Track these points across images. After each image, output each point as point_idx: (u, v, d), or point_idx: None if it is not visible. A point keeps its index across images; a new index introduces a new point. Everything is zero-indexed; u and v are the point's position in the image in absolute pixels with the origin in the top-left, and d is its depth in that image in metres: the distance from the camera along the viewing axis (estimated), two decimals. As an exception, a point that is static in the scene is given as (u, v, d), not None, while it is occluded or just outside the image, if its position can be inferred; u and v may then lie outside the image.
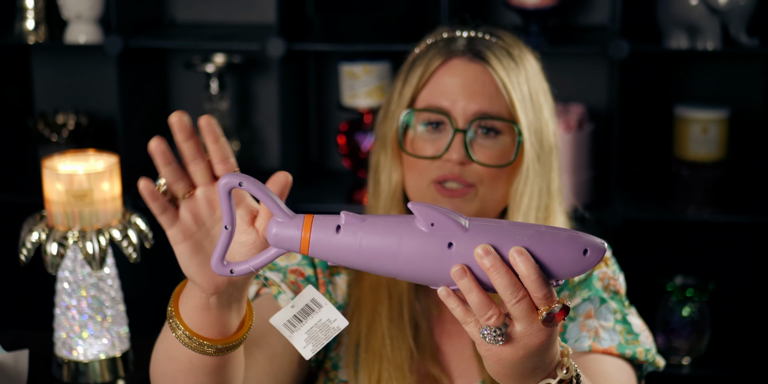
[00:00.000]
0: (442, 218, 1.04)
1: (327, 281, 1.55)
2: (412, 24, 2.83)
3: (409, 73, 1.53)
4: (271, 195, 1.07)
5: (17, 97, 3.11)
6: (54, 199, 1.72)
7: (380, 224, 1.06)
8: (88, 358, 1.79)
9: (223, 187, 1.08)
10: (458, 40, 1.53)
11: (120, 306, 1.82)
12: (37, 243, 1.73)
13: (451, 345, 1.56)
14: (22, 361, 1.67)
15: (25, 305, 3.09)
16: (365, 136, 2.85)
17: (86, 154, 1.79)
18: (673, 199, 2.79)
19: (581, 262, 1.03)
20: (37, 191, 2.23)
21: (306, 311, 1.15)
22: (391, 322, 1.51)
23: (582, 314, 1.51)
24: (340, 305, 1.55)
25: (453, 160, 1.47)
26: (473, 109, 1.48)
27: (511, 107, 1.49)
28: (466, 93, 1.48)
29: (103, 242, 1.72)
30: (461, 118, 1.48)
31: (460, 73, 1.49)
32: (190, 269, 1.16)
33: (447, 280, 1.05)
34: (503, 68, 1.49)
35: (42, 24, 2.88)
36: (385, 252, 1.05)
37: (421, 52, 1.55)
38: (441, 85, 1.50)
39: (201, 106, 3.02)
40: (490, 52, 1.50)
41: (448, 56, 1.50)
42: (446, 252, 1.04)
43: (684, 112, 2.76)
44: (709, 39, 2.68)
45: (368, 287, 1.54)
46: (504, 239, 1.04)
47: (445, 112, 1.48)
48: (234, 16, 3.05)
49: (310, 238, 1.06)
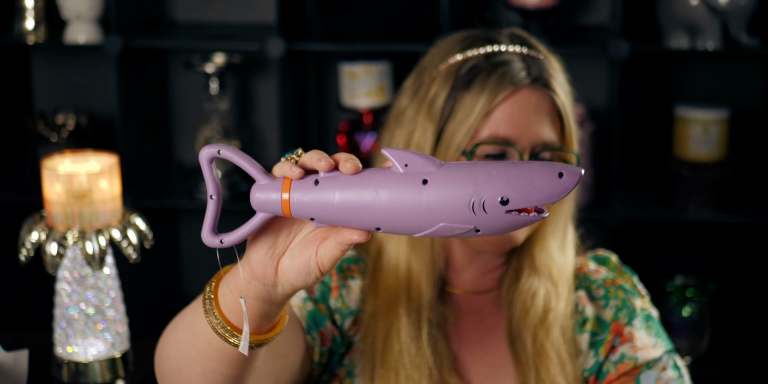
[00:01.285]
0: (416, 158, 1.03)
1: (341, 285, 1.52)
2: (411, 24, 2.83)
3: (458, 93, 1.47)
4: (250, 160, 1.07)
5: (17, 97, 3.11)
6: (54, 199, 1.72)
7: (359, 175, 1.04)
8: (87, 359, 1.79)
9: (204, 157, 1.08)
10: (514, 64, 1.47)
11: (120, 306, 1.82)
12: (37, 243, 1.73)
13: (470, 353, 1.53)
14: (22, 361, 1.67)
15: (25, 305, 3.09)
16: (365, 136, 2.85)
17: (86, 154, 1.79)
18: (673, 199, 2.79)
19: (558, 184, 1.01)
20: (37, 191, 2.23)
21: None
22: (408, 338, 1.48)
23: (659, 366, 1.51)
24: (353, 310, 1.52)
25: None
26: (538, 140, 1.45)
27: (568, 132, 1.48)
28: (532, 123, 1.45)
29: (103, 242, 1.72)
30: (526, 149, 1.46)
31: (525, 103, 1.46)
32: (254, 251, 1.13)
33: (427, 222, 1.03)
34: (563, 95, 1.48)
35: (42, 24, 2.88)
36: (363, 200, 1.03)
37: (471, 72, 1.48)
38: (506, 115, 1.45)
39: (201, 106, 3.02)
40: (551, 77, 1.48)
41: (515, 87, 1.46)
42: (422, 189, 1.02)
43: (684, 112, 2.76)
44: (709, 39, 2.68)
45: (384, 301, 1.50)
46: (478, 171, 1.02)
47: (511, 142, 1.45)
48: (234, 16, 3.05)
49: (290, 198, 1.05)
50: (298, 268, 1.10)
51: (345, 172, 1.04)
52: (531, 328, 1.50)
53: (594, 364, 1.52)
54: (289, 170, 1.06)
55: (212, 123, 2.91)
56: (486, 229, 1.03)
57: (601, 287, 1.55)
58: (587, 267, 1.58)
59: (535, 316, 1.50)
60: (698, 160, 2.75)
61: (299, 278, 1.10)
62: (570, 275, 1.54)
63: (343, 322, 1.51)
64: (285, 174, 1.06)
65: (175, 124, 3.14)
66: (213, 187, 1.09)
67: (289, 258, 1.11)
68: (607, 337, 1.52)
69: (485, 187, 1.01)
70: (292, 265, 1.10)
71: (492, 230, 1.03)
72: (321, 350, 1.48)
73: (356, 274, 1.53)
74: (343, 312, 1.51)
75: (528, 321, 1.50)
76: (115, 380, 1.81)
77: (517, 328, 1.51)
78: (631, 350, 1.51)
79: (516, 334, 1.51)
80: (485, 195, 1.01)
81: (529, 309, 1.50)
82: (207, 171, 1.08)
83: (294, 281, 1.11)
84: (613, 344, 1.52)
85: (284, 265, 1.11)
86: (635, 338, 1.52)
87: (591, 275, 1.57)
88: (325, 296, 1.50)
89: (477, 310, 1.56)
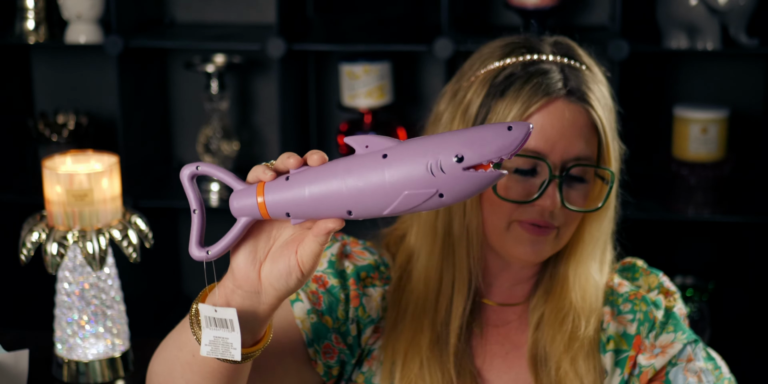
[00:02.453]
0: (374, 138, 1.07)
1: (360, 294, 1.48)
2: (411, 24, 2.83)
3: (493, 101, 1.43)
4: (227, 172, 1.12)
5: (17, 97, 3.11)
6: (54, 199, 1.73)
7: (324, 165, 1.08)
8: (88, 358, 1.79)
9: (186, 175, 1.13)
10: (552, 74, 1.42)
11: (120, 306, 1.82)
12: (37, 243, 1.73)
13: (493, 368, 1.50)
14: (23, 361, 1.67)
15: (26, 305, 3.09)
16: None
17: (86, 154, 1.80)
18: (673, 199, 2.79)
19: (508, 136, 1.04)
20: (38, 191, 2.23)
21: (221, 323, 1.15)
22: (431, 352, 1.45)
23: (683, 359, 1.48)
24: (373, 319, 1.48)
25: (546, 206, 1.40)
26: (571, 154, 1.40)
27: (605, 148, 1.43)
28: (565, 137, 1.40)
29: (103, 242, 1.72)
30: (558, 163, 1.40)
31: (559, 115, 1.40)
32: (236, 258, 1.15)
33: (392, 195, 1.06)
34: (601, 108, 1.43)
35: (42, 24, 2.89)
36: (331, 186, 1.06)
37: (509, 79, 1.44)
38: (538, 127, 1.40)
39: (201, 106, 3.03)
40: (589, 90, 1.42)
41: (549, 97, 1.41)
42: (383, 163, 1.05)
43: (684, 112, 2.76)
44: (708, 39, 2.68)
45: (410, 311, 1.46)
46: (433, 138, 1.06)
47: (542, 156, 1.40)
48: (234, 16, 3.05)
49: (264, 200, 1.09)
50: (280, 270, 1.11)
51: (312, 164, 1.08)
52: (556, 355, 1.46)
53: (620, 382, 1.48)
54: (262, 173, 1.10)
55: (212, 123, 2.91)
56: (449, 191, 1.05)
57: (627, 301, 1.52)
58: (612, 281, 1.54)
59: (561, 343, 1.47)
60: (698, 159, 2.75)
61: (281, 281, 1.12)
62: (602, 295, 1.50)
63: (364, 330, 1.48)
64: (258, 177, 1.10)
65: (175, 124, 3.14)
66: (196, 202, 1.14)
67: (271, 262, 1.12)
68: (630, 353, 1.49)
69: (440, 149, 1.04)
70: (273, 268, 1.12)
71: (456, 192, 1.06)
72: (328, 362, 1.45)
73: (377, 281, 1.50)
74: (364, 321, 1.48)
75: (554, 348, 1.47)
76: (116, 380, 1.81)
77: (543, 353, 1.48)
78: (646, 360, 1.48)
79: (540, 359, 1.48)
80: (441, 156, 1.04)
81: (556, 336, 1.47)
82: (188, 187, 1.14)
83: (276, 285, 1.12)
84: (635, 360, 1.49)
85: (266, 270, 1.13)
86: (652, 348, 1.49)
87: (616, 289, 1.53)
88: (332, 308, 1.46)
89: (504, 322, 1.52)
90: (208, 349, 1.16)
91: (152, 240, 1.80)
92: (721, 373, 1.49)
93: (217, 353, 1.15)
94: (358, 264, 1.49)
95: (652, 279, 1.56)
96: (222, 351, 1.15)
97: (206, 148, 2.91)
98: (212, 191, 2.89)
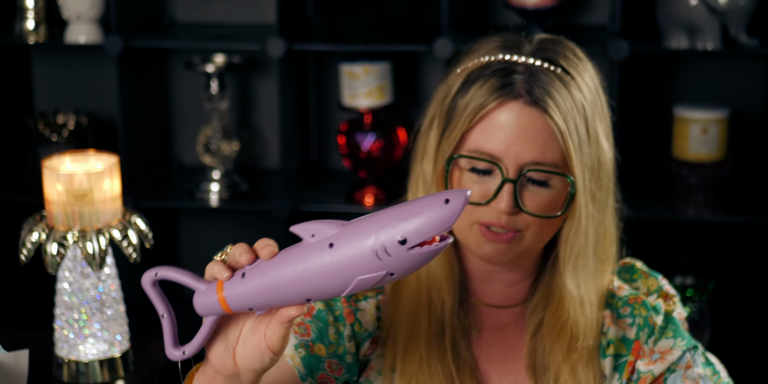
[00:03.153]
0: (320, 226, 1.10)
1: (354, 309, 1.47)
2: (411, 24, 2.83)
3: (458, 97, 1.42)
4: (187, 274, 1.17)
5: (17, 97, 3.11)
6: (54, 199, 1.73)
7: (275, 258, 1.12)
8: (88, 358, 1.79)
9: (147, 282, 1.18)
10: (516, 76, 1.40)
11: (120, 306, 1.82)
12: (37, 243, 1.74)
13: (492, 368, 1.50)
14: (23, 361, 1.68)
15: (26, 305, 3.09)
16: (365, 136, 2.85)
17: (86, 154, 1.80)
18: (673, 199, 2.79)
19: (446, 210, 1.05)
20: (38, 191, 2.23)
21: None
22: (429, 347, 1.45)
23: (682, 365, 1.46)
24: (370, 332, 1.48)
25: (501, 209, 1.39)
26: (526, 158, 1.38)
27: (567, 157, 1.39)
28: (519, 140, 1.38)
29: (103, 242, 1.73)
30: (512, 167, 1.38)
31: (515, 117, 1.38)
32: (211, 348, 1.20)
33: (345, 280, 1.08)
34: (561, 114, 1.38)
35: (42, 24, 2.89)
36: (285, 278, 1.10)
37: (475, 75, 1.43)
38: (493, 128, 1.38)
39: (201, 106, 3.03)
40: (548, 96, 1.38)
41: (505, 98, 1.39)
42: (330, 253, 1.08)
43: (684, 112, 2.77)
44: (708, 39, 2.68)
45: (406, 309, 1.47)
46: (374, 221, 1.07)
47: (495, 159, 1.39)
48: (234, 16, 3.05)
49: (224, 296, 1.13)
50: (252, 353, 1.16)
51: (263, 258, 1.12)
52: (555, 365, 1.46)
53: None
54: (218, 273, 1.14)
55: (212, 123, 2.91)
56: (399, 270, 1.08)
57: (626, 305, 1.50)
58: (612, 284, 1.53)
59: (560, 353, 1.46)
60: (697, 159, 2.75)
61: (255, 362, 1.16)
62: (602, 302, 1.49)
63: (362, 344, 1.48)
64: (215, 276, 1.15)
65: (175, 124, 3.14)
66: (163, 307, 1.19)
67: (242, 346, 1.17)
68: (629, 358, 1.48)
69: (382, 233, 1.06)
70: (246, 352, 1.16)
71: (406, 269, 1.08)
72: None
73: (369, 292, 1.49)
74: (362, 335, 1.47)
75: (553, 358, 1.46)
76: (115, 380, 1.81)
77: (541, 361, 1.47)
78: (645, 366, 1.47)
79: (539, 367, 1.47)
80: (385, 240, 1.06)
81: (555, 346, 1.46)
82: (151, 294, 1.19)
83: (252, 366, 1.16)
84: (633, 366, 1.48)
85: (239, 354, 1.17)
86: (651, 354, 1.48)
87: (616, 292, 1.52)
88: (323, 333, 1.45)
89: (501, 325, 1.52)
90: None
91: (152, 240, 1.80)
92: (719, 378, 1.48)
93: None
94: None
95: (651, 282, 1.55)
96: None
97: (206, 148, 2.91)
98: (212, 191, 2.89)
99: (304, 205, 2.82)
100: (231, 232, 3.17)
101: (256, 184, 2.97)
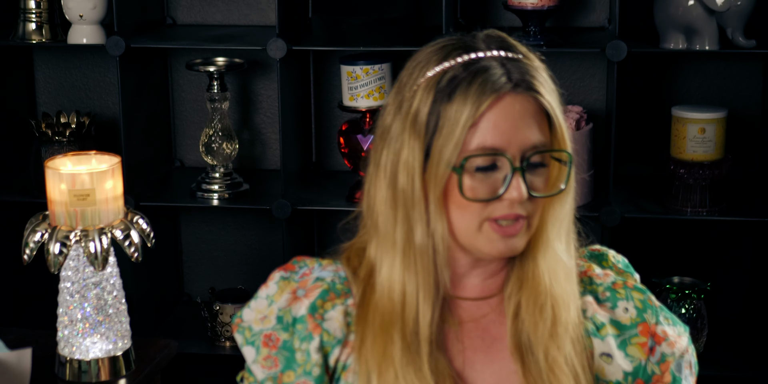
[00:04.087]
0: None
1: (319, 322, 1.48)
2: (412, 26, 2.84)
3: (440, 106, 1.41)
4: None
5: (20, 97, 3.12)
6: (56, 199, 1.74)
7: None
8: (90, 357, 1.80)
9: None
10: (493, 70, 1.41)
11: (122, 305, 1.83)
12: (40, 243, 1.75)
13: (477, 361, 1.50)
14: (25, 360, 1.69)
15: (28, 304, 3.10)
16: (365, 137, 2.87)
17: (88, 155, 1.81)
18: (671, 199, 2.80)
19: None
20: (40, 191, 2.24)
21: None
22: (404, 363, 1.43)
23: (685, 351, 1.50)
24: (340, 339, 1.48)
25: (515, 198, 1.39)
26: (528, 144, 1.40)
27: (559, 129, 1.42)
28: (518, 128, 1.40)
29: (105, 242, 1.74)
30: (517, 155, 1.40)
31: (510, 109, 1.40)
32: None
33: None
34: (548, 93, 1.42)
35: (45, 25, 2.90)
36: None
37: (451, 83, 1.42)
38: (491, 124, 1.40)
39: (203, 107, 3.04)
40: (533, 78, 1.42)
41: (498, 94, 1.40)
42: None
43: (681, 112, 2.77)
44: (706, 40, 2.69)
45: (377, 325, 1.45)
46: None
47: (500, 152, 1.40)
48: (235, 17, 3.07)
49: None
50: None
51: None
52: (542, 343, 1.46)
53: (636, 367, 1.48)
54: None
55: (213, 123, 2.92)
56: None
57: (607, 290, 1.52)
58: (593, 271, 1.54)
59: (545, 330, 1.46)
60: (695, 160, 2.76)
61: None
62: (576, 278, 1.50)
63: (331, 352, 1.48)
64: None
65: (176, 124, 3.15)
66: None
67: None
68: (640, 339, 1.49)
69: None
70: None
71: None
72: None
73: (335, 300, 1.49)
74: (331, 343, 1.47)
75: (539, 336, 1.46)
76: (117, 378, 1.82)
77: (527, 341, 1.47)
78: (668, 348, 1.49)
79: (525, 347, 1.47)
80: None
81: (538, 322, 1.46)
82: None
83: None
84: (650, 346, 1.49)
85: None
86: (668, 335, 1.50)
87: (597, 279, 1.53)
88: (291, 360, 1.47)
89: (480, 316, 1.51)
90: None
91: (154, 240, 1.81)
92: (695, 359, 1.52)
93: None
94: (312, 299, 1.49)
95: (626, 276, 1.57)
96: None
97: (207, 148, 2.92)
98: (213, 191, 2.90)
99: (304, 204, 2.83)
100: (232, 231, 3.19)
101: (257, 183, 2.98)
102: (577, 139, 2.79)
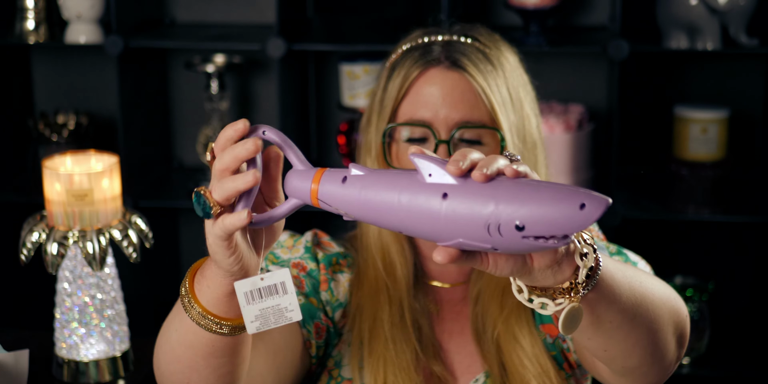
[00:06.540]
0: (439, 170, 1.03)
1: (329, 278, 1.55)
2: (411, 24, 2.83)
3: (387, 82, 1.52)
4: (292, 145, 1.12)
5: (18, 97, 3.11)
6: (54, 199, 1.73)
7: (383, 177, 1.06)
8: (88, 358, 1.79)
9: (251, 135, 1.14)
10: (434, 47, 1.52)
11: (120, 306, 1.82)
12: (38, 243, 1.74)
13: (452, 342, 1.57)
14: (23, 361, 1.68)
15: (26, 305, 3.09)
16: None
17: (86, 154, 1.80)
18: (673, 199, 2.79)
19: (577, 217, 0.95)
20: (38, 191, 2.23)
21: (271, 290, 1.15)
22: (393, 326, 1.52)
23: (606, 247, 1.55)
24: (342, 303, 1.55)
25: None
26: (455, 118, 1.47)
27: (493, 113, 1.48)
28: (446, 102, 1.48)
29: (104, 242, 1.73)
30: (443, 129, 1.48)
31: (438, 82, 1.49)
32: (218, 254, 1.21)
33: (446, 233, 1.02)
34: (481, 74, 1.48)
35: (42, 24, 2.89)
36: (385, 203, 1.04)
37: (398, 59, 1.54)
38: (420, 96, 1.49)
39: (201, 106, 3.03)
40: (466, 58, 1.49)
41: (426, 66, 1.50)
42: (441, 202, 1.01)
43: (683, 112, 2.77)
44: (708, 39, 2.68)
45: (367, 293, 1.54)
46: (497, 192, 0.99)
47: (426, 124, 1.48)
48: (234, 16, 3.06)
49: (318, 189, 1.09)
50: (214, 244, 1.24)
51: None
52: (492, 321, 1.52)
53: None
54: None
55: (212, 123, 2.91)
56: (504, 249, 1.01)
57: None
58: None
59: (496, 309, 1.52)
60: (697, 159, 2.75)
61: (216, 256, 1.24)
62: None
63: (334, 314, 1.55)
64: None
65: (175, 124, 3.14)
66: None
67: None
68: None
69: (501, 210, 0.98)
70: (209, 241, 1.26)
71: (510, 250, 1.01)
72: (317, 343, 1.51)
73: (344, 268, 1.57)
74: (333, 304, 1.55)
75: (490, 315, 1.52)
76: (116, 380, 1.81)
77: (482, 324, 1.53)
78: None
79: (480, 330, 1.54)
80: (501, 219, 0.98)
81: (491, 304, 1.53)
82: None
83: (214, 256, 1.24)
84: None
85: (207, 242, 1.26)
86: None
87: None
88: (315, 289, 1.54)
89: (456, 301, 1.59)
90: (257, 325, 1.15)
91: (152, 240, 1.80)
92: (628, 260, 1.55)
93: (269, 324, 1.15)
94: (328, 252, 1.57)
95: None
96: (275, 320, 1.15)
97: (206, 148, 2.91)
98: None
99: (304, 205, 2.82)
100: (231, 232, 3.18)
101: (256, 184, 2.97)
102: (579, 138, 2.78)
